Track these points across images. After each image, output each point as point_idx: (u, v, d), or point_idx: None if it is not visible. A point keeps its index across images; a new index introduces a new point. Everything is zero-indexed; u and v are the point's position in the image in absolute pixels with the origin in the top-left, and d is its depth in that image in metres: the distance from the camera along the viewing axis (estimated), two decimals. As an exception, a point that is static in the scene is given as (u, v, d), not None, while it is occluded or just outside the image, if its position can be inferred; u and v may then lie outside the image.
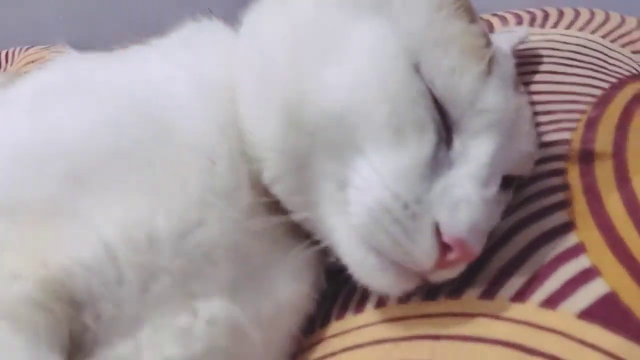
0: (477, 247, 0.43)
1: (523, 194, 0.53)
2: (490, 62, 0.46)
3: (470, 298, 0.46)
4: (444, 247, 0.42)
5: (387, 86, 0.44)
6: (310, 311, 0.52)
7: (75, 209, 0.43)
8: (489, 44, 0.48)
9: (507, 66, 0.52)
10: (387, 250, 0.43)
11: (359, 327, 0.49)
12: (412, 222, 0.42)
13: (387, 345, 0.46)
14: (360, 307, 0.50)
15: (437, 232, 0.42)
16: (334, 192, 0.45)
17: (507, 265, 0.47)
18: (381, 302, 0.49)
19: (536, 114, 0.61)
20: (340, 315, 0.51)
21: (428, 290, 0.47)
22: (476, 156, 0.44)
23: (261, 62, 0.49)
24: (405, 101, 0.44)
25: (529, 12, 0.85)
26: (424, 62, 0.45)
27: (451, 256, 0.42)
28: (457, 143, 0.45)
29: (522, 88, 0.53)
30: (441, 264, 0.43)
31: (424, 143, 0.44)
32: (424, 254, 0.42)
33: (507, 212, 0.51)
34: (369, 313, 0.49)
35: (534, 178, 0.54)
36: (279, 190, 0.48)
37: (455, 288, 0.47)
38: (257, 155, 0.48)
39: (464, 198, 0.43)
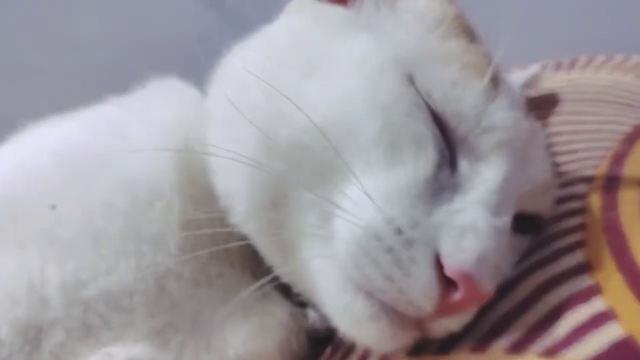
0: (487, 284, 0.35)
1: (539, 239, 0.45)
2: (495, 81, 0.41)
3: (459, 352, 0.38)
4: (448, 285, 0.35)
5: (378, 96, 0.39)
6: None
7: None
8: (490, 62, 0.42)
9: (516, 91, 0.46)
10: (378, 288, 0.36)
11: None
12: (407, 251, 0.35)
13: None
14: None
15: (439, 265, 0.35)
16: (316, 226, 0.39)
17: (507, 314, 0.39)
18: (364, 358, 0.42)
19: (557, 153, 0.54)
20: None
21: (413, 347, 0.40)
22: (485, 180, 0.38)
23: (234, 95, 0.44)
24: (399, 113, 0.39)
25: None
26: (419, 74, 0.40)
27: (456, 295, 0.35)
28: (463, 165, 0.39)
29: (533, 117, 0.47)
30: (444, 305, 0.35)
31: (423, 160, 0.38)
32: (421, 291, 0.35)
33: (521, 259, 0.43)
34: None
35: (551, 219, 0.46)
36: (250, 231, 0.43)
37: (445, 343, 0.39)
38: (224, 193, 0.44)
39: (470, 225, 0.36)
